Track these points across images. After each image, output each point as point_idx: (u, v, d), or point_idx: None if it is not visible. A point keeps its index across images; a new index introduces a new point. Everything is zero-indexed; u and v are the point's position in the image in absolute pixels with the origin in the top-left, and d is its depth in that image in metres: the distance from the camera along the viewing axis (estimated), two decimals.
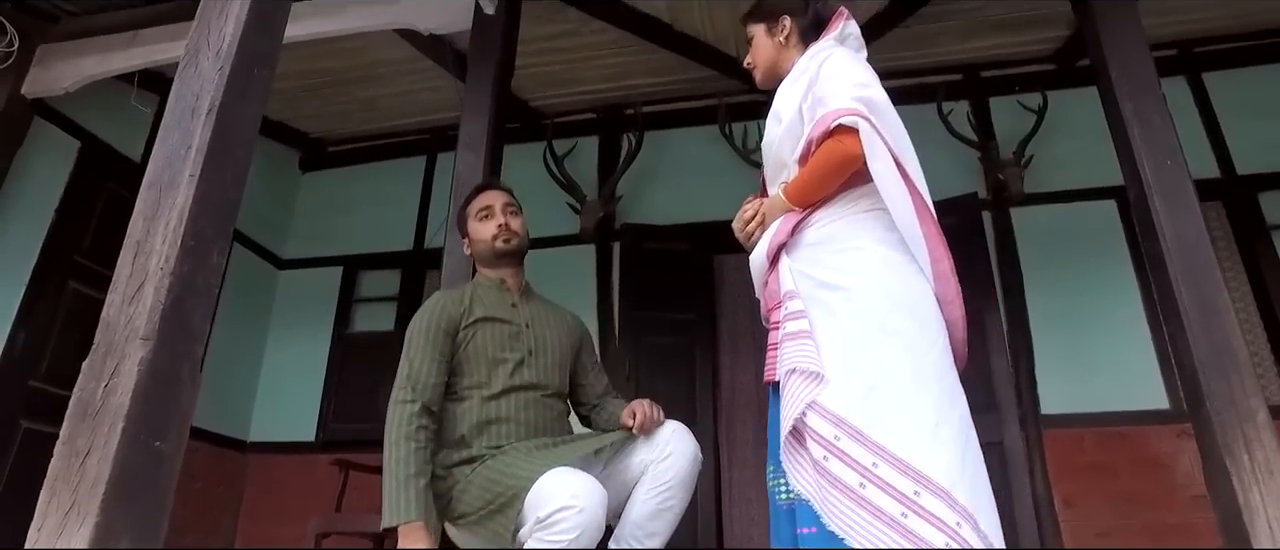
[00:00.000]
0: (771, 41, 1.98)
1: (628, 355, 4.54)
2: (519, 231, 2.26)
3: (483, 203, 2.29)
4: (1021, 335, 4.26)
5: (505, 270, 2.24)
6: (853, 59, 1.80)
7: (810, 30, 1.93)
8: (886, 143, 1.61)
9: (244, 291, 5.16)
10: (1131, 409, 4.00)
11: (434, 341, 1.99)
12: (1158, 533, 3.77)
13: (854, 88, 1.67)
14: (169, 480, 1.21)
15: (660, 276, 4.66)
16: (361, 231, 5.49)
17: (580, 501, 1.65)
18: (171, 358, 1.24)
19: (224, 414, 4.92)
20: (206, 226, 1.33)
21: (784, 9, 1.97)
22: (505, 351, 2.05)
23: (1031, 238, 4.48)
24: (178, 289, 1.26)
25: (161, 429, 1.21)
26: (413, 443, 1.82)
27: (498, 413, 1.98)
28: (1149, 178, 2.15)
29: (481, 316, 2.07)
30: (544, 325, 2.18)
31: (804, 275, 1.68)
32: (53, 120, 4.00)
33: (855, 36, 1.92)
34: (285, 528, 4.64)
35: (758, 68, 2.04)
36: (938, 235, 1.70)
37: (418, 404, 1.88)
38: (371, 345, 5.12)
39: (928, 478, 1.36)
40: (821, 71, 1.74)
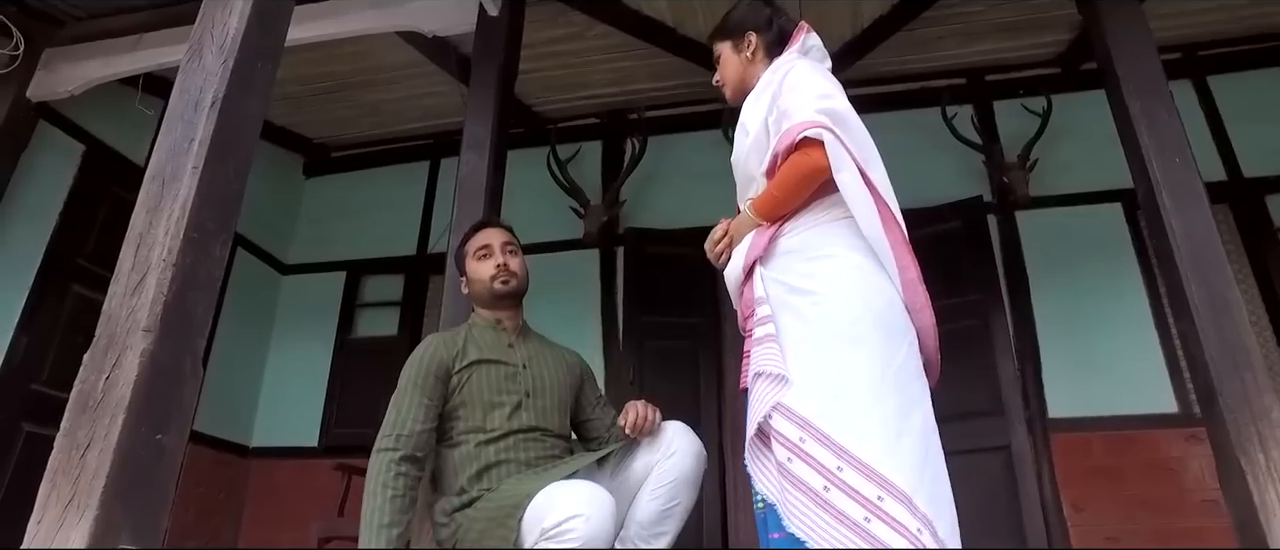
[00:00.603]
0: (738, 58, 2.00)
1: (632, 360, 4.52)
2: (518, 272, 2.20)
3: (481, 241, 2.23)
4: (1028, 338, 4.24)
5: (503, 311, 2.19)
6: (814, 70, 1.81)
7: (774, 45, 1.96)
8: (851, 153, 1.63)
9: (247, 296, 5.15)
10: (1139, 413, 3.97)
11: (422, 387, 1.95)
12: (1168, 537, 3.73)
13: (817, 99, 1.68)
14: (170, 474, 1.20)
15: (664, 280, 4.65)
16: (365, 236, 5.48)
17: (588, 509, 1.62)
18: (173, 350, 1.23)
19: (226, 419, 4.90)
20: (209, 219, 1.32)
21: (749, 26, 1.99)
22: (502, 394, 2.00)
23: (1037, 241, 4.46)
24: (180, 281, 1.25)
25: (163, 422, 1.19)
26: (389, 491, 1.79)
27: (497, 457, 1.93)
28: (1157, 175, 2.13)
29: (476, 359, 2.03)
30: (542, 365, 2.13)
31: (776, 282, 1.69)
32: (57, 124, 4.01)
33: (818, 48, 1.95)
34: (287, 533, 4.62)
35: (726, 85, 2.05)
36: (903, 243, 1.70)
37: (399, 453, 1.84)
38: (374, 350, 5.11)
39: (891, 483, 1.38)
40: (784, 84, 1.75)
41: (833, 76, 1.84)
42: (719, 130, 4.87)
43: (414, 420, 1.90)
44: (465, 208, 2.66)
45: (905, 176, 4.59)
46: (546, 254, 4.90)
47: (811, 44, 1.95)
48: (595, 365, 4.60)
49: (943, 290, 4.25)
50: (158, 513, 1.17)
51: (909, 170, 4.73)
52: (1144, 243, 4.33)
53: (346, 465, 4.09)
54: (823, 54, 1.96)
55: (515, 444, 1.95)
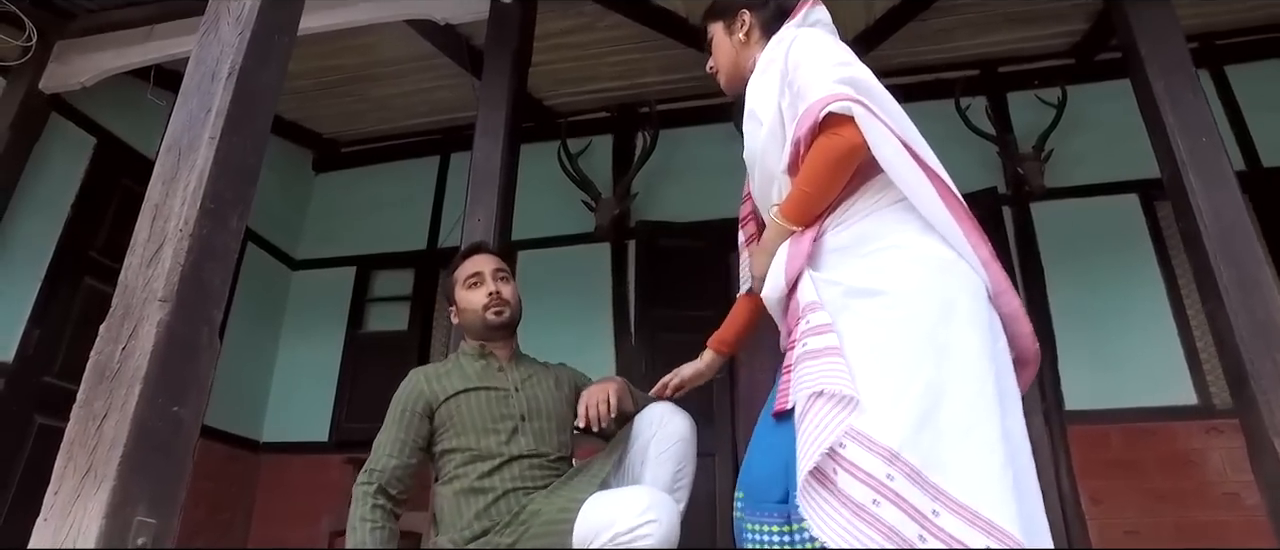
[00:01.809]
0: (731, 41, 1.77)
1: (644, 353, 4.50)
2: (511, 300, 2.10)
3: (471, 269, 2.13)
4: (1044, 330, 4.18)
5: (494, 341, 2.10)
6: (823, 37, 1.58)
7: (773, 21, 1.72)
8: (887, 124, 1.37)
9: (257, 292, 5.14)
10: (1158, 405, 3.92)
11: (403, 423, 1.93)
12: (1189, 531, 3.68)
13: (834, 68, 1.44)
14: (187, 446, 1.17)
15: (676, 274, 4.62)
16: (375, 231, 5.48)
17: (659, 513, 1.62)
18: (190, 321, 1.21)
19: (237, 414, 4.90)
20: (226, 190, 1.30)
21: (742, 2, 1.76)
22: (496, 420, 1.93)
23: (1052, 232, 4.41)
24: (196, 252, 1.23)
25: (180, 394, 1.17)
26: (369, 523, 1.78)
27: (506, 486, 1.86)
28: (1183, 156, 2.10)
29: (463, 388, 1.96)
30: (535, 385, 2.06)
31: (829, 283, 1.39)
32: (70, 116, 4.01)
33: (825, 22, 1.69)
34: (298, 529, 4.61)
35: (720, 71, 1.83)
36: (968, 217, 1.42)
37: (373, 486, 1.83)
38: (385, 345, 5.10)
39: (998, 528, 1.12)
40: (790, 57, 1.51)
41: (846, 46, 1.60)
42: (731, 123, 4.83)
43: (389, 455, 1.89)
44: (478, 195, 2.64)
45: None
46: (557, 248, 4.89)
47: (817, 17, 1.69)
48: (606, 359, 4.59)
49: None
50: (175, 486, 1.14)
51: None
52: (1161, 234, 4.29)
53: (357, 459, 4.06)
54: (831, 28, 1.69)
55: (520, 472, 1.89)
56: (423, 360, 4.99)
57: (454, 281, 2.17)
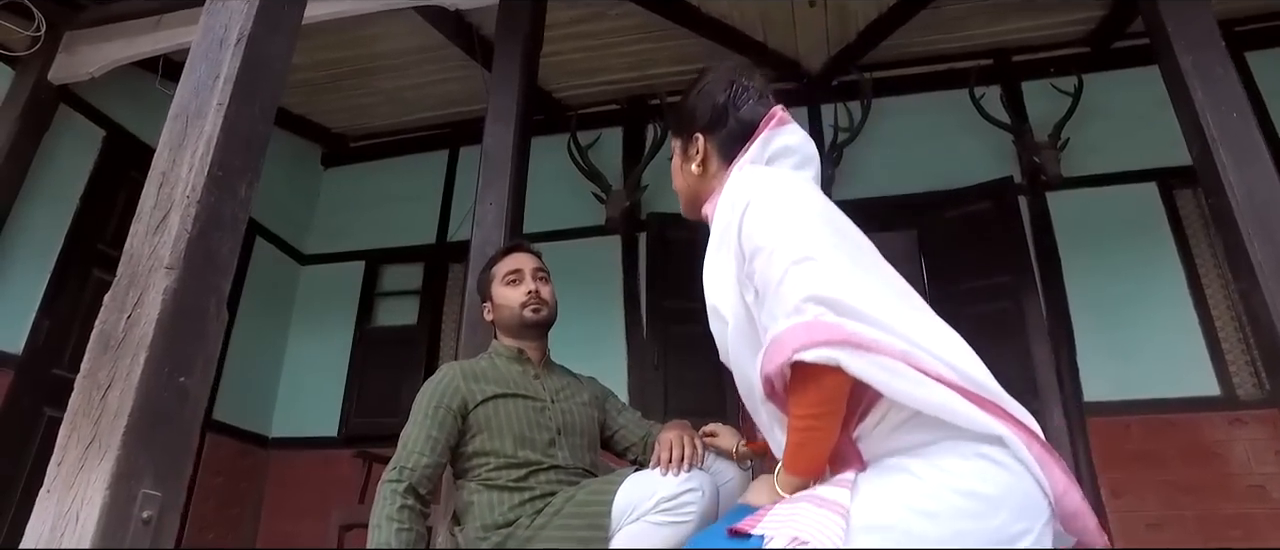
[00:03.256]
0: (685, 167, 1.45)
1: (655, 345, 4.46)
2: (549, 300, 2.07)
3: (511, 266, 2.10)
4: (1061, 321, 4.13)
5: (528, 341, 2.06)
6: (780, 197, 1.22)
7: (731, 145, 1.38)
8: (881, 347, 1.05)
9: (266, 287, 5.13)
10: (1180, 396, 3.86)
11: (437, 419, 1.86)
12: (1212, 524, 3.62)
13: (793, 269, 1.09)
14: (194, 419, 1.14)
15: (687, 266, 4.51)
16: (383, 226, 5.46)
17: (700, 484, 1.60)
18: (197, 290, 1.17)
19: (246, 410, 4.88)
20: (234, 158, 1.26)
21: (696, 123, 1.43)
22: (532, 429, 1.89)
23: (1069, 222, 4.36)
24: (204, 219, 1.19)
25: (186, 364, 1.13)
26: (395, 523, 1.72)
27: (547, 488, 1.82)
28: (1213, 132, 2.04)
29: (499, 392, 1.92)
30: (570, 400, 2.02)
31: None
32: (78, 108, 3.99)
33: (791, 150, 1.36)
34: (307, 524, 4.58)
35: (679, 195, 1.52)
36: (1011, 414, 1.13)
37: (402, 484, 1.77)
38: (394, 340, 5.08)
39: None
40: (745, 231, 1.19)
41: (804, 182, 1.29)
42: None
43: (420, 454, 1.82)
44: (490, 180, 2.60)
45: (934, 158, 4.63)
46: (568, 241, 4.85)
47: (781, 146, 1.35)
48: (618, 351, 4.56)
49: (973, 272, 4.22)
50: (181, 459, 1.11)
51: (937, 152, 4.72)
52: (1180, 222, 4.23)
53: (367, 453, 4.04)
54: (802, 156, 1.36)
55: (556, 478, 1.85)
56: (432, 355, 4.96)
57: (491, 277, 2.13)
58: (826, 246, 1.13)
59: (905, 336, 1.07)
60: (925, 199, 4.47)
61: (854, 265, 1.14)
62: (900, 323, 1.09)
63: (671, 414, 4.18)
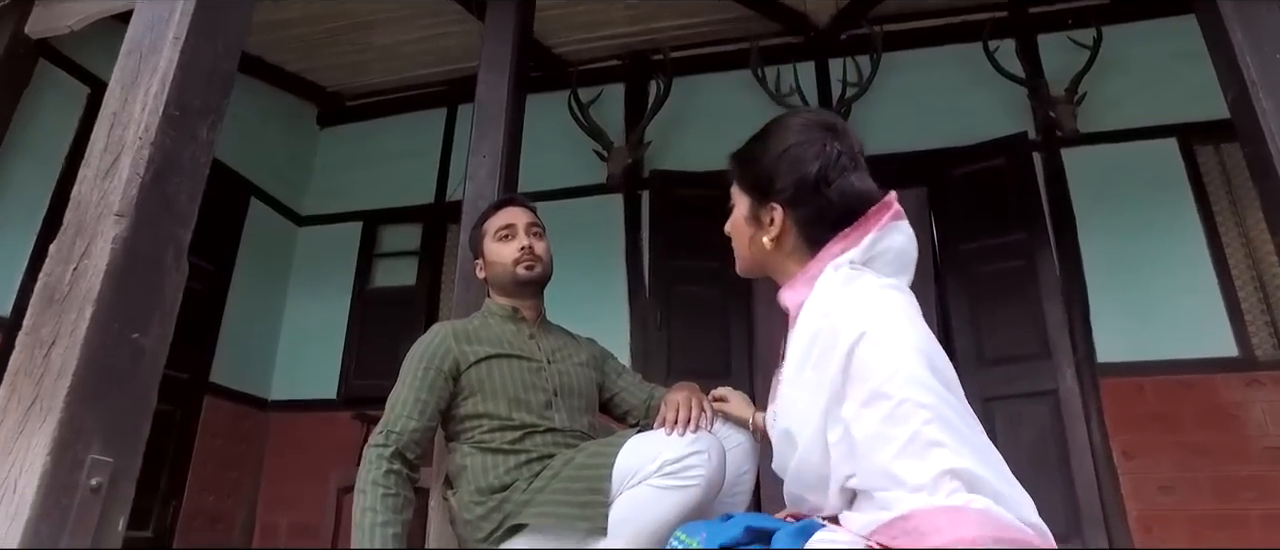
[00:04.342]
0: (753, 230, 1.26)
1: (659, 307, 4.37)
2: (543, 257, 1.98)
3: (503, 221, 1.99)
4: (1075, 280, 4.02)
5: (523, 300, 1.98)
6: (903, 336, 1.03)
7: (819, 230, 1.18)
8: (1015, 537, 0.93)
9: (263, 249, 5.05)
10: (1196, 357, 3.76)
11: (427, 382, 1.77)
12: (1226, 486, 3.54)
13: (925, 435, 0.95)
14: (151, 378, 1.04)
15: (691, 224, 4.46)
16: (381, 186, 5.35)
17: (706, 446, 1.51)
18: (152, 239, 1.07)
19: (244, 372, 4.82)
20: (194, 98, 1.15)
21: (771, 192, 1.21)
22: (527, 391, 1.81)
23: (1084, 178, 4.22)
24: (159, 162, 1.09)
25: (140, 319, 1.04)
26: (381, 488, 1.63)
27: (545, 450, 1.75)
28: (1253, 74, 1.90)
29: (493, 353, 1.83)
30: (567, 360, 1.94)
31: None
32: (61, 65, 3.87)
33: (898, 251, 1.17)
34: (307, 486, 4.54)
35: (736, 253, 1.35)
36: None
37: (390, 449, 1.69)
38: (393, 301, 5.01)
39: None
40: (853, 372, 1.02)
41: (914, 308, 1.09)
42: (747, 69, 4.64)
43: (408, 417, 1.73)
44: (484, 132, 2.48)
45: (947, 113, 4.49)
46: (569, 200, 4.75)
47: (887, 246, 1.15)
48: (620, 311, 4.49)
49: (987, 230, 4.09)
50: (136, 421, 1.02)
51: (951, 106, 4.57)
52: (1201, 179, 4.09)
53: (366, 415, 3.99)
54: (904, 260, 1.17)
55: (553, 441, 1.77)
56: (432, 316, 4.88)
57: (483, 233, 2.03)
58: (946, 405, 0.98)
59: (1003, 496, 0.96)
60: (936, 155, 4.33)
61: (963, 423, 0.99)
62: (997, 478, 0.97)
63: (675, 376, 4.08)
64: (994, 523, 0.92)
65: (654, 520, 1.50)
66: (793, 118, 1.25)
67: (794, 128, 1.22)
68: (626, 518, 1.51)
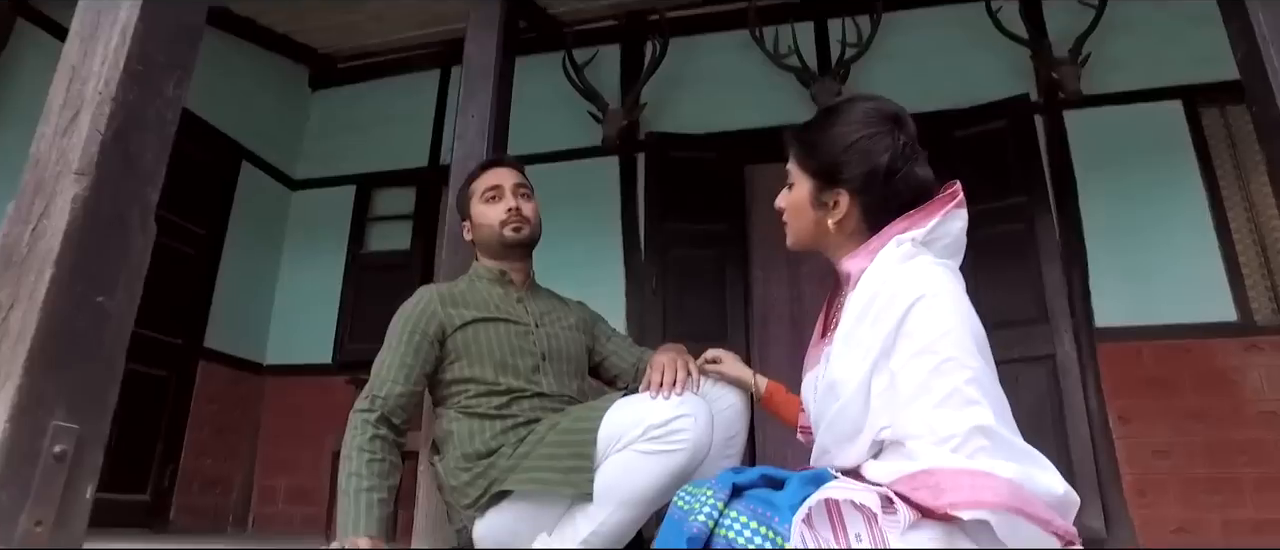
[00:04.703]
0: (814, 213, 1.30)
1: (654, 270, 4.33)
2: (531, 218, 1.93)
3: (490, 182, 1.94)
4: (1075, 244, 3.98)
5: (510, 262, 1.94)
6: (956, 304, 1.12)
7: (882, 213, 1.24)
8: (1033, 514, 0.98)
9: (255, 213, 5.00)
10: (1195, 322, 3.74)
11: (412, 346, 1.74)
12: (1221, 450, 3.54)
13: (963, 394, 1.03)
14: (117, 343, 1.01)
15: (688, 187, 4.42)
16: (374, 149, 5.28)
17: (692, 409, 1.48)
18: (115, 199, 1.03)
19: (239, 336, 4.81)
20: (157, 51, 1.10)
21: (838, 179, 1.26)
22: (515, 355, 1.77)
23: (1087, 141, 4.16)
24: (121, 118, 1.04)
25: (105, 282, 1.00)
26: (366, 454, 1.62)
27: (532, 414, 1.72)
28: (1264, 30, 1.84)
29: (479, 317, 1.79)
30: (555, 324, 1.90)
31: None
32: (41, 25, 3.78)
33: (952, 235, 1.23)
34: (304, 450, 4.55)
35: (790, 227, 1.37)
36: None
37: (375, 414, 1.66)
38: (387, 265, 4.98)
39: None
40: (906, 330, 1.10)
41: (967, 300, 1.15)
42: (746, 30, 4.55)
43: (393, 382, 1.70)
44: (473, 91, 2.42)
45: (946, 75, 4.41)
46: (564, 162, 4.69)
47: (946, 229, 1.21)
48: (615, 275, 4.46)
49: (986, 193, 4.02)
50: (102, 388, 0.99)
51: (952, 67, 4.49)
52: (1205, 142, 4.04)
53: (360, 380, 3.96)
54: (957, 245, 1.23)
55: (541, 405, 1.75)
56: (426, 280, 4.82)
57: (470, 194, 1.99)
58: (986, 375, 1.07)
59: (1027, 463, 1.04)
60: (936, 118, 4.25)
61: (1000, 395, 1.08)
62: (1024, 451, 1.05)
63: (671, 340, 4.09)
64: (1020, 494, 0.97)
65: (640, 486, 1.48)
66: (859, 105, 1.29)
67: (862, 118, 1.26)
68: (612, 484, 1.49)
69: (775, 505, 1.03)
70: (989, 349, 1.12)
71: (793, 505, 1.01)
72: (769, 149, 4.61)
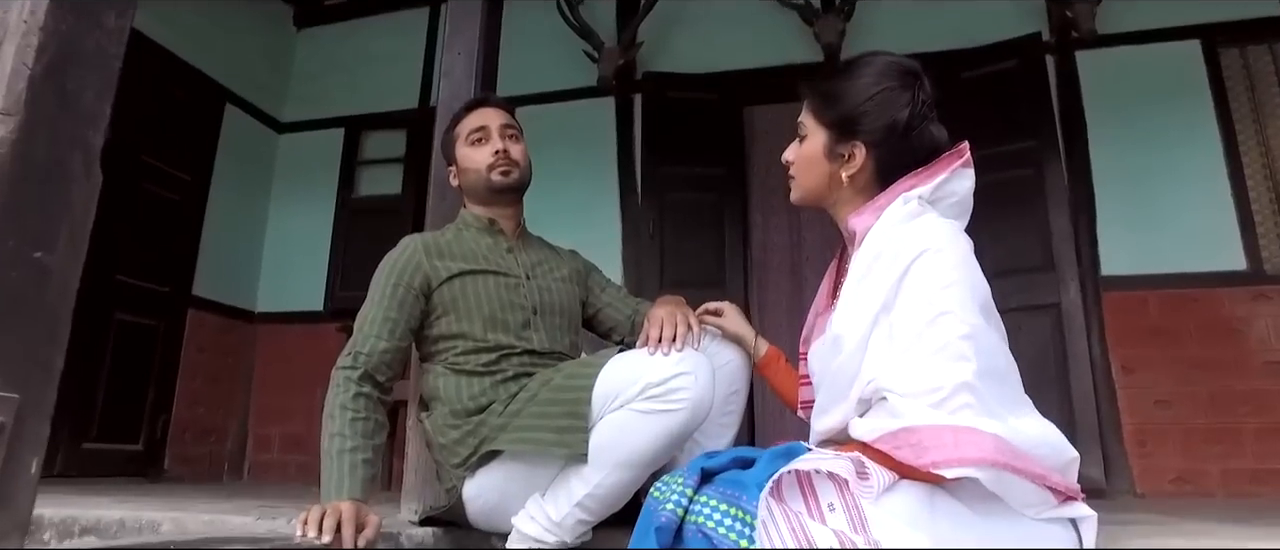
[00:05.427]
0: (827, 165, 1.28)
1: (651, 214, 4.24)
2: (520, 161, 1.81)
3: (475, 123, 1.83)
4: (1083, 190, 3.88)
5: (499, 209, 1.83)
6: (960, 259, 1.12)
7: (898, 167, 1.24)
8: (1018, 467, 0.96)
9: (242, 157, 4.87)
10: (1204, 270, 3.66)
11: (396, 299, 1.65)
12: (1224, 400, 3.51)
13: (955, 349, 1.02)
14: (61, 302, 0.92)
15: (686, 129, 4.29)
16: (363, 90, 5.12)
17: (693, 367, 1.39)
18: (51, 143, 0.92)
19: (229, 285, 4.72)
20: None
21: (857, 131, 1.24)
22: (504, 310, 1.69)
23: (1099, 84, 4.03)
24: (52, 53, 0.93)
25: (43, 236, 0.91)
26: (349, 412, 1.53)
27: (520, 370, 1.64)
28: None
29: (467, 269, 1.70)
30: (547, 275, 1.81)
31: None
32: None
33: (959, 194, 1.23)
34: (298, 398, 4.51)
35: (796, 181, 1.35)
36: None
37: (357, 371, 1.58)
38: (378, 210, 4.88)
39: None
40: (908, 282, 1.10)
41: (974, 261, 1.14)
42: None
43: (377, 337, 1.61)
44: (459, 26, 2.28)
45: (954, 13, 4.23)
46: (558, 103, 4.56)
47: (953, 188, 1.22)
48: (611, 220, 4.39)
49: (994, 137, 3.90)
50: (45, 352, 0.90)
51: (959, 5, 4.31)
52: (1223, 84, 3.90)
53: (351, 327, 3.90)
54: (965, 206, 1.25)
55: (531, 362, 1.66)
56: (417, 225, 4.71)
57: (455, 137, 1.87)
58: (984, 334, 1.06)
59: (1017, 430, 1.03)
60: (944, 58, 4.10)
61: (997, 355, 1.08)
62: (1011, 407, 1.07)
63: (668, 286, 4.04)
64: (1007, 450, 0.96)
65: (638, 447, 1.41)
66: (879, 58, 1.28)
67: (884, 70, 1.25)
68: (608, 444, 1.42)
69: (743, 484, 1.00)
70: (995, 311, 1.12)
71: (760, 482, 0.98)
72: (770, 89, 4.54)
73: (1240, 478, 3.44)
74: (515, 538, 1.52)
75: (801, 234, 4.32)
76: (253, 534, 1.57)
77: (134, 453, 4.04)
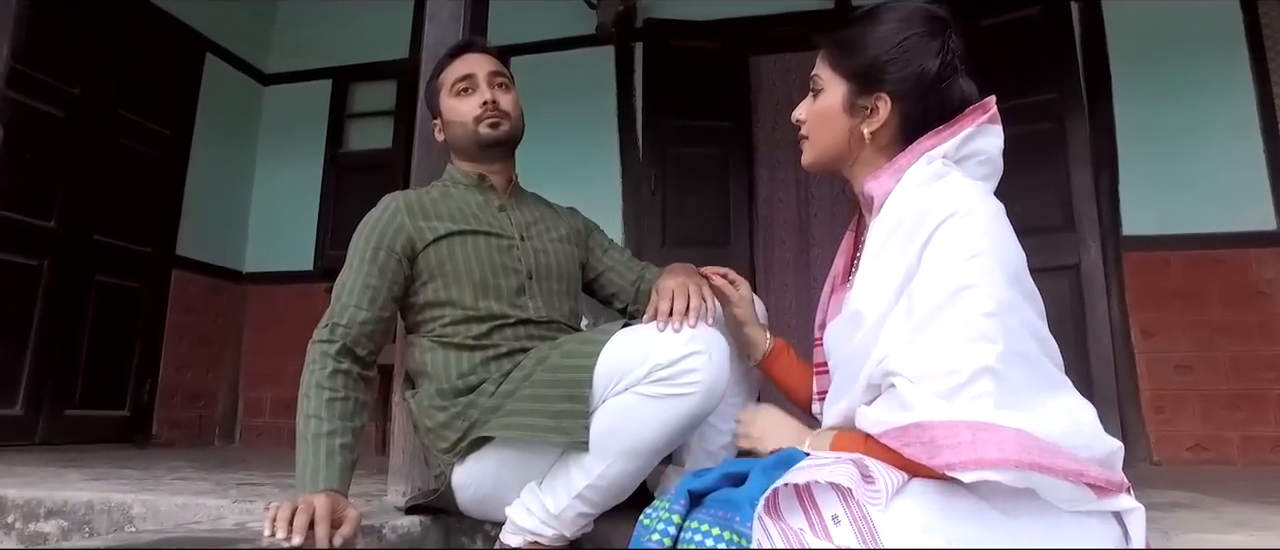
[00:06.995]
0: (847, 122, 1.17)
1: (653, 169, 4.09)
2: (510, 111, 1.65)
3: (461, 71, 1.66)
4: (1106, 146, 3.71)
5: (489, 164, 1.68)
6: (990, 225, 1.00)
7: (922, 123, 1.13)
8: (1044, 466, 0.86)
9: (226, 110, 4.68)
10: (1231, 231, 3.53)
11: (377, 264, 1.51)
12: (1247, 365, 3.40)
13: (979, 328, 0.92)
14: None
15: (689, 79, 4.12)
16: (351, 40, 4.89)
17: (706, 346, 1.25)
18: None
19: (215, 243, 4.58)
20: None
21: (882, 82, 1.14)
22: (496, 275, 1.55)
23: (1126, 35, 3.84)
24: None
25: None
26: (326, 392, 1.39)
27: (515, 344, 1.50)
28: None
29: (454, 230, 1.56)
30: (543, 236, 1.67)
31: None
32: None
33: (986, 153, 1.13)
34: (290, 361, 4.32)
35: (810, 141, 1.24)
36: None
37: (335, 345, 1.43)
38: (367, 165, 4.71)
39: None
40: (932, 249, 1.00)
41: (1007, 224, 1.03)
42: None
43: (357, 307, 1.46)
44: None
45: None
46: (554, 52, 4.39)
47: (980, 146, 1.12)
48: (611, 174, 4.27)
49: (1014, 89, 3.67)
50: None
51: None
52: (1259, 35, 3.70)
53: None
54: (994, 167, 1.14)
55: (526, 333, 1.52)
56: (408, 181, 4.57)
57: (439, 86, 1.70)
58: (1013, 310, 0.96)
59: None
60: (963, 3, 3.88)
61: (1027, 336, 0.97)
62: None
63: (670, 244, 3.90)
64: (1032, 446, 0.86)
65: (644, 434, 1.28)
66: (904, 6, 1.18)
67: (909, 16, 1.16)
68: (611, 431, 1.28)
69: (736, 503, 0.92)
70: (1029, 282, 1.02)
71: (752, 499, 0.90)
72: (778, 38, 4.33)
73: (1262, 446, 3.34)
74: (509, 530, 1.39)
75: (810, 191, 4.15)
76: (218, 530, 1.43)
77: (121, 419, 3.93)
